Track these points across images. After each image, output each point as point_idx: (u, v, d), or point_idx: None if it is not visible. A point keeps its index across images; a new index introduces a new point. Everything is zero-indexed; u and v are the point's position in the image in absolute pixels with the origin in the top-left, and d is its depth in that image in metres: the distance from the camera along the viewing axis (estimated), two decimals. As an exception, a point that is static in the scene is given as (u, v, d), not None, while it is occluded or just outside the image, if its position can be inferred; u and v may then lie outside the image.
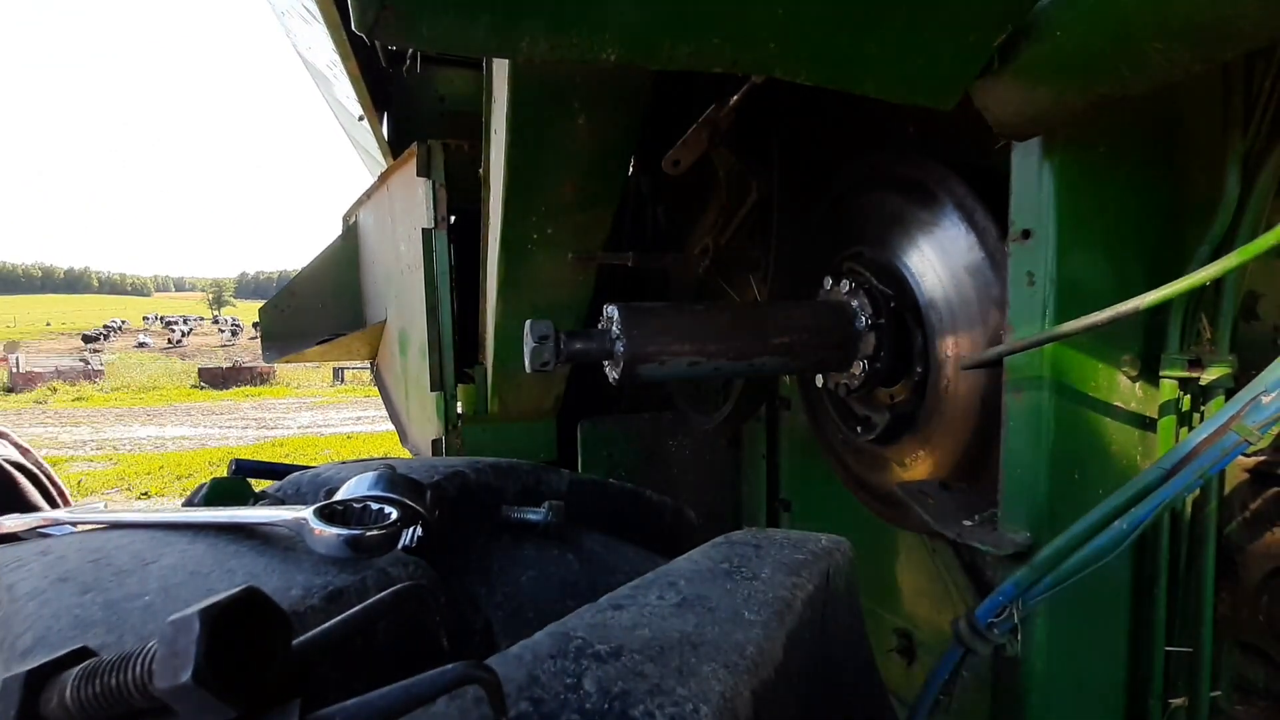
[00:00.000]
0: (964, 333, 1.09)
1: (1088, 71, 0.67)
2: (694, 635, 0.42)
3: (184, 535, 0.50)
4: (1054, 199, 0.80)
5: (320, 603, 0.41)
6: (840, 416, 1.37)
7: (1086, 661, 0.89)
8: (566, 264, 1.53)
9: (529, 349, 1.09)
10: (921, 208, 1.16)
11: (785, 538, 0.63)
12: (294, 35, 2.24)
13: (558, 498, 0.74)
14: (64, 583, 0.42)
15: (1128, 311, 0.73)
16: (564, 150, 1.30)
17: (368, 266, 2.61)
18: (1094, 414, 0.86)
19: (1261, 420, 0.70)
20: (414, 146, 1.90)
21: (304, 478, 0.65)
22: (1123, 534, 0.77)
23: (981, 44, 0.69)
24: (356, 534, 0.45)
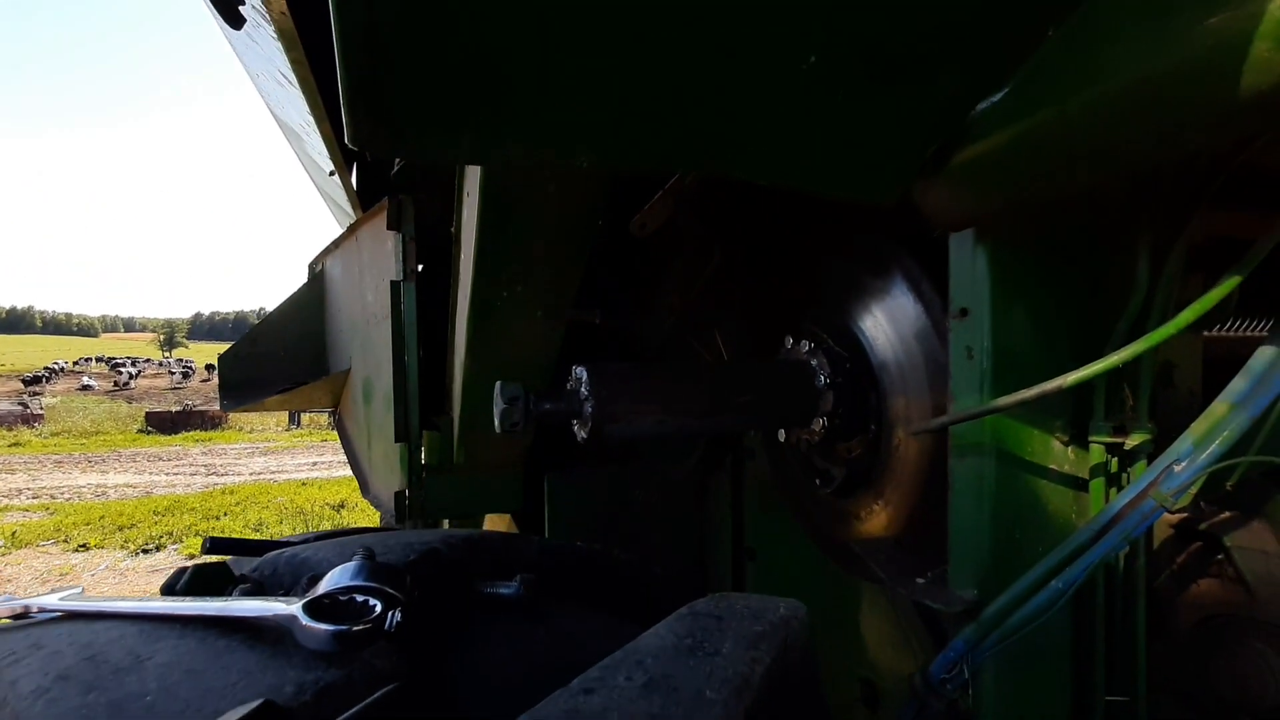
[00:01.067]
0: (914, 394, 1.15)
1: (1007, 179, 0.75)
2: (660, 718, 0.45)
3: (173, 629, 0.51)
4: (988, 281, 0.87)
5: (312, 699, 0.44)
6: (802, 470, 1.42)
7: (1033, 712, 0.93)
8: (535, 321, 1.57)
9: (499, 410, 1.12)
10: (874, 276, 1.23)
11: (746, 607, 0.66)
12: (267, 95, 2.27)
13: (528, 567, 0.76)
14: (65, 681, 0.44)
15: (1053, 389, 0.80)
16: (534, 213, 1.35)
17: (333, 315, 2.61)
18: (1031, 477, 0.92)
19: (1175, 487, 0.77)
20: (384, 200, 1.94)
21: (280, 559, 0.67)
22: (1059, 592, 0.83)
23: (916, 151, 0.76)
24: (344, 630, 0.47)
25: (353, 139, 0.57)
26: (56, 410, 23.37)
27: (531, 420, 1.13)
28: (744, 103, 0.67)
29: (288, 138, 2.62)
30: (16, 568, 7.23)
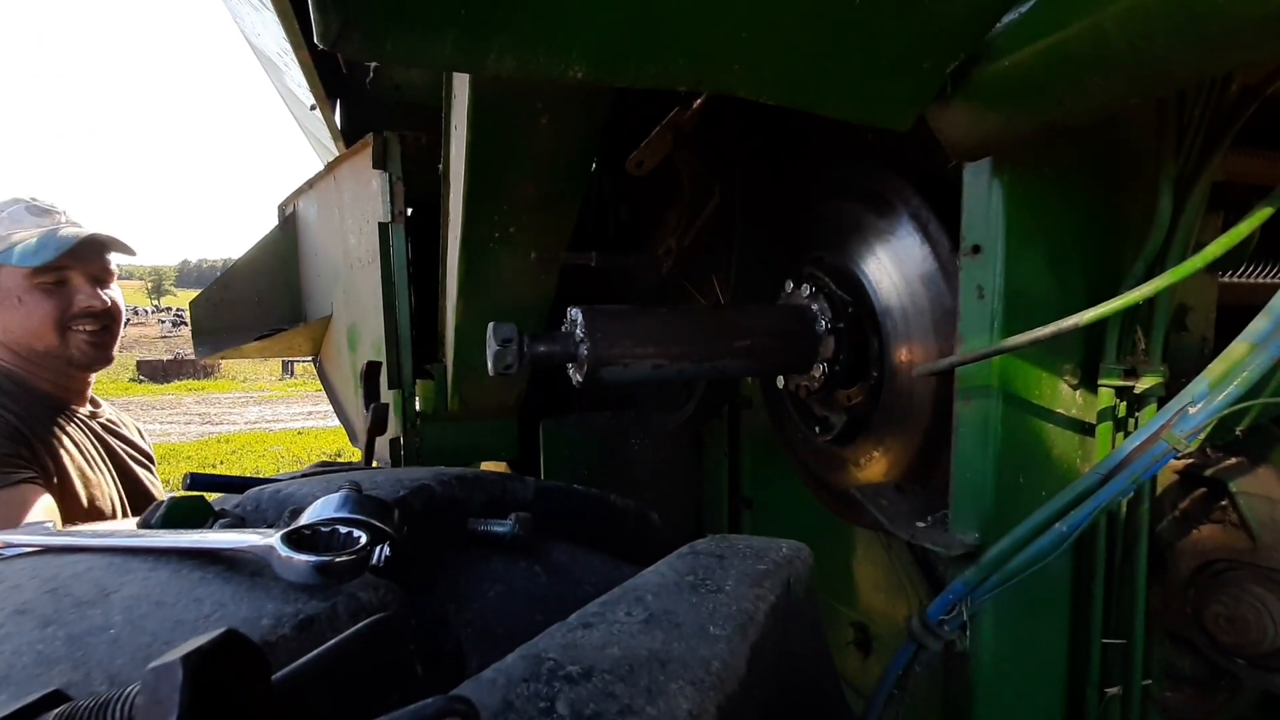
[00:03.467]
0: (917, 339, 1.12)
1: (1033, 99, 0.70)
2: (661, 653, 0.43)
3: (145, 561, 0.49)
4: (1003, 217, 0.83)
5: (292, 632, 0.41)
6: (800, 417, 1.40)
7: (1030, 654, 0.93)
8: (529, 264, 1.52)
9: (492, 352, 1.09)
10: (879, 216, 1.19)
11: (748, 546, 0.64)
12: (242, 21, 2.16)
13: (524, 507, 0.74)
14: (23, 615, 0.41)
15: (1068, 327, 0.77)
16: (526, 149, 1.29)
17: (309, 259, 2.53)
18: (1038, 421, 0.90)
19: (1188, 430, 0.74)
20: (368, 138, 1.86)
21: (264, 494, 0.64)
22: (1063, 535, 0.81)
23: (936, 70, 0.71)
24: (326, 560, 0.45)
25: (322, 38, 0.51)
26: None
27: (526, 363, 1.10)
28: (749, 10, 0.61)
29: (266, 70, 2.51)
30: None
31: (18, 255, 1.46)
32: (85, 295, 1.54)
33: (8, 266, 1.48)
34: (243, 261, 2.58)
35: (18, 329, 1.51)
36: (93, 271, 1.56)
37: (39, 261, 1.46)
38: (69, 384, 1.61)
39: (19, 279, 1.49)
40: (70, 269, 1.52)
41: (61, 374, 1.57)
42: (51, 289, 1.51)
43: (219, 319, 2.55)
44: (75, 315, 1.53)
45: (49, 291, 1.51)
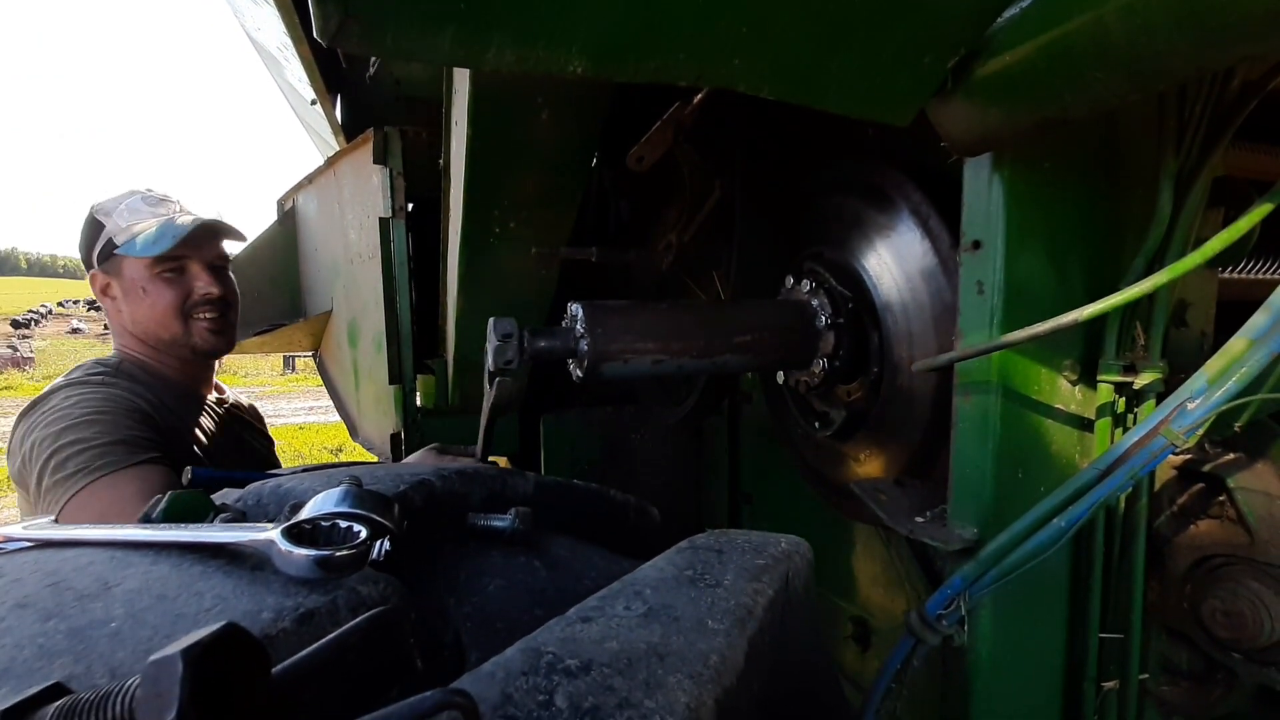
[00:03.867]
0: (918, 334, 1.12)
1: (1034, 94, 0.70)
2: (660, 646, 0.43)
3: (146, 555, 0.49)
4: (1003, 212, 0.83)
5: (292, 625, 0.42)
6: (800, 412, 1.40)
7: (1028, 649, 0.94)
8: (529, 259, 1.53)
9: (492, 347, 1.09)
10: (879, 212, 1.19)
11: (747, 541, 0.65)
12: (242, 16, 2.15)
13: (524, 502, 0.74)
14: (23, 609, 0.41)
15: (1068, 323, 0.78)
16: (527, 144, 1.29)
17: (309, 254, 2.53)
18: (1037, 416, 0.90)
19: (1187, 425, 0.75)
20: (369, 132, 1.86)
21: (264, 489, 0.64)
22: (1061, 530, 0.82)
23: (936, 65, 0.71)
24: (326, 555, 0.45)
25: (321, 33, 0.51)
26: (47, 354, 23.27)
27: (526, 358, 1.10)
28: (749, 5, 0.61)
29: (266, 64, 2.50)
30: (11, 510, 7.28)
31: (140, 245, 1.49)
32: (203, 283, 1.57)
33: (130, 257, 1.51)
34: (243, 257, 2.58)
35: (144, 319, 1.55)
36: (208, 259, 1.59)
37: (158, 250, 1.49)
38: (195, 371, 1.66)
39: (142, 269, 1.52)
40: (188, 257, 1.55)
41: (186, 361, 1.62)
42: (172, 278, 1.54)
43: (219, 314, 2.54)
44: (196, 303, 1.56)
45: (170, 281, 1.54)
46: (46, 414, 1.38)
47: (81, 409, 1.37)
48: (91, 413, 1.36)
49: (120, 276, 1.55)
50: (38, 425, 1.37)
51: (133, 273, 1.53)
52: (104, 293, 1.59)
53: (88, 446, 1.30)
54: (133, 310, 1.55)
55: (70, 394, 1.41)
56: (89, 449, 1.30)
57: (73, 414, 1.36)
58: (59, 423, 1.34)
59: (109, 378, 1.49)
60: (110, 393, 1.43)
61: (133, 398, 1.45)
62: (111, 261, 1.54)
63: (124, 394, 1.45)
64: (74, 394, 1.41)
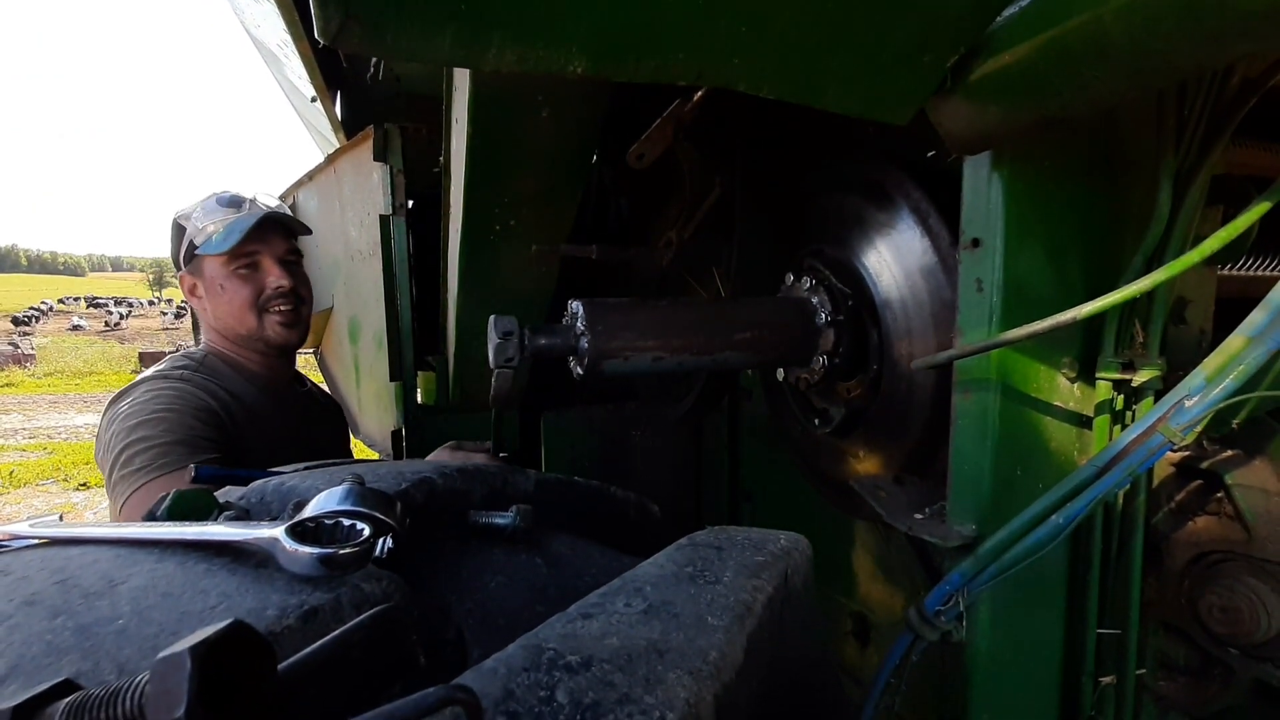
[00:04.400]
0: (917, 332, 1.13)
1: (1033, 93, 0.70)
2: (660, 643, 0.44)
3: (151, 553, 0.49)
4: (1002, 210, 0.83)
5: (296, 622, 0.42)
6: (800, 409, 1.41)
7: (1026, 645, 0.94)
8: (529, 256, 1.53)
9: (493, 345, 1.09)
10: (879, 210, 1.19)
11: (746, 538, 0.65)
12: (242, 13, 2.15)
13: (525, 500, 0.75)
14: (31, 606, 0.42)
15: (1066, 321, 0.78)
16: (527, 142, 1.29)
17: (309, 251, 2.54)
18: (1035, 414, 0.91)
19: (1185, 422, 0.75)
20: (369, 130, 1.86)
21: (268, 486, 0.65)
22: (1059, 527, 0.82)
23: (936, 64, 0.71)
24: (329, 553, 0.45)
25: (322, 33, 0.52)
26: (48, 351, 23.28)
27: (526, 355, 1.10)
28: (748, 4, 0.61)
29: (266, 61, 2.50)
30: (17, 506, 7.30)
31: (214, 243, 1.55)
32: (274, 276, 1.61)
33: (208, 256, 1.57)
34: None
35: (224, 314, 1.61)
36: (279, 253, 1.64)
37: (227, 247, 1.54)
38: (272, 363, 1.70)
39: (219, 267, 1.58)
40: (260, 252, 1.60)
41: (263, 354, 1.67)
42: (246, 274, 1.59)
43: (220, 311, 2.54)
44: (269, 297, 1.61)
45: (244, 277, 1.59)
46: (126, 407, 1.44)
47: (154, 405, 1.43)
48: (162, 409, 1.43)
49: (203, 276, 1.61)
50: (118, 417, 1.43)
51: (212, 271, 1.59)
52: (191, 293, 1.65)
53: (152, 444, 1.36)
54: (214, 307, 1.61)
55: (151, 387, 1.48)
56: (153, 447, 1.36)
57: (146, 409, 1.42)
58: (133, 417, 1.41)
59: (190, 371, 1.56)
60: (184, 389, 1.49)
61: (205, 395, 1.51)
62: (195, 262, 1.60)
63: (198, 390, 1.51)
64: (154, 388, 1.48)
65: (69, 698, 0.30)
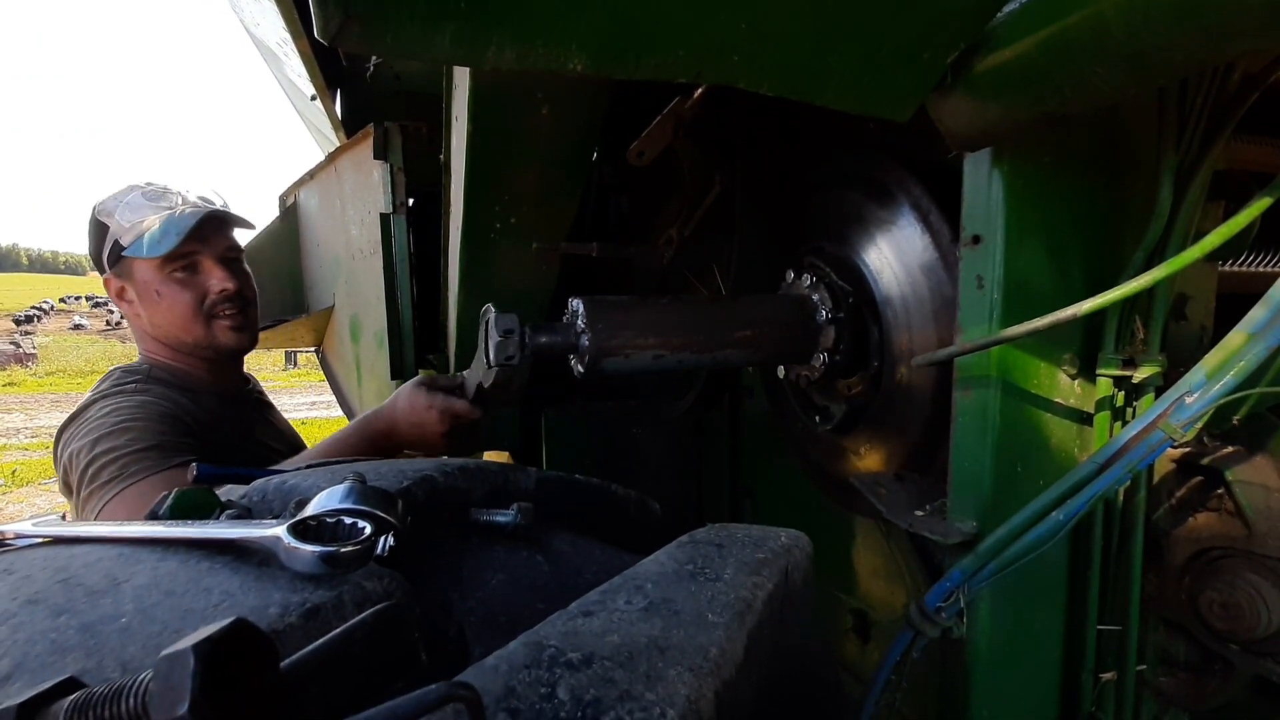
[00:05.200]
0: (918, 329, 1.13)
1: (1034, 89, 0.70)
2: (660, 639, 0.44)
3: (153, 551, 0.50)
4: (1003, 207, 0.83)
5: (298, 620, 0.42)
6: (800, 407, 1.41)
7: (1026, 641, 0.94)
8: (530, 254, 1.53)
9: (494, 343, 1.10)
10: (880, 206, 1.19)
11: (747, 535, 0.65)
12: (241, 11, 2.15)
13: (526, 497, 0.75)
14: (35, 605, 0.42)
15: (1067, 317, 0.78)
16: (527, 139, 1.29)
17: (311, 250, 2.54)
18: (1036, 410, 0.91)
19: (1185, 419, 0.75)
20: (369, 128, 1.86)
21: (269, 485, 0.65)
22: (1060, 524, 0.82)
23: (936, 60, 0.71)
24: (331, 551, 0.45)
25: (322, 32, 0.52)
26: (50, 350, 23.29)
27: (527, 353, 1.10)
28: (748, 1, 0.61)
29: (266, 60, 2.50)
30: (20, 505, 7.32)
31: (146, 245, 1.41)
32: (217, 279, 1.49)
33: (139, 259, 1.43)
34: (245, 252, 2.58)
35: (164, 322, 1.49)
36: (219, 252, 1.51)
37: (165, 249, 1.40)
38: (223, 369, 1.60)
39: (153, 271, 1.45)
40: (198, 253, 1.47)
41: (212, 361, 1.56)
42: (185, 277, 1.46)
43: (222, 310, 2.54)
44: (214, 301, 1.49)
45: (183, 281, 1.46)
46: (83, 425, 1.36)
47: (115, 417, 1.35)
48: (125, 420, 1.35)
49: (133, 279, 1.48)
50: (75, 437, 1.35)
51: (144, 275, 1.46)
52: (119, 296, 1.53)
53: (121, 454, 1.29)
54: (151, 314, 1.49)
55: (105, 405, 1.40)
56: (122, 456, 1.29)
57: (107, 423, 1.34)
58: (94, 432, 1.33)
59: (141, 384, 1.46)
60: (143, 400, 1.41)
61: (166, 403, 1.43)
62: (122, 264, 1.47)
63: (156, 400, 1.42)
64: (108, 404, 1.40)
65: (73, 695, 0.30)
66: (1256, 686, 0.94)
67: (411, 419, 1.39)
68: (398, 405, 1.42)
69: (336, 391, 2.74)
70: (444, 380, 1.44)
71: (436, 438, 1.39)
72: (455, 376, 1.44)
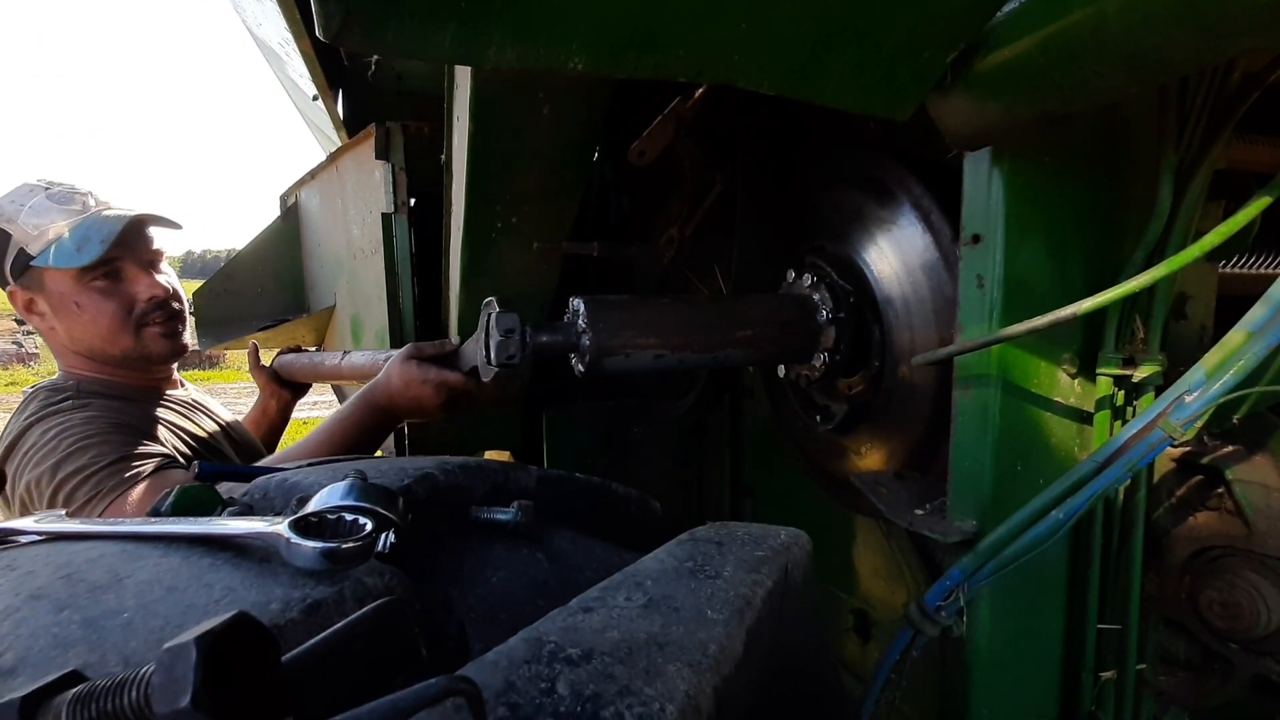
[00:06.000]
0: (919, 328, 1.13)
1: (1033, 88, 0.70)
2: (660, 636, 0.44)
3: (156, 548, 0.50)
4: (1003, 206, 0.84)
5: (300, 615, 0.42)
6: (801, 406, 1.41)
7: (1026, 640, 0.95)
8: (531, 253, 1.53)
9: (495, 343, 1.10)
10: (881, 205, 1.19)
11: (747, 533, 0.65)
12: (243, 11, 2.16)
13: (526, 495, 0.75)
14: (38, 600, 0.42)
15: (1067, 316, 0.78)
16: (528, 139, 1.30)
17: (312, 249, 2.54)
18: (1036, 409, 0.91)
19: (1185, 418, 0.75)
20: (370, 128, 1.86)
21: (271, 482, 0.65)
22: (1059, 522, 0.82)
23: (935, 60, 0.71)
24: (332, 547, 0.46)
25: (323, 31, 0.52)
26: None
27: (528, 353, 1.11)
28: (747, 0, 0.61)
29: (268, 60, 2.50)
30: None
31: (56, 255, 1.28)
32: (144, 286, 1.38)
33: (50, 269, 1.30)
34: (246, 252, 2.59)
35: (86, 335, 1.37)
36: (142, 257, 1.40)
37: (87, 259, 1.28)
38: (155, 377, 1.51)
39: (69, 282, 1.33)
40: (120, 259, 1.35)
41: (144, 371, 1.46)
42: (106, 285, 1.35)
43: (222, 310, 2.55)
44: (144, 310, 1.39)
45: (105, 290, 1.35)
46: (30, 454, 1.25)
47: (68, 439, 1.25)
48: (79, 440, 1.24)
49: (44, 291, 1.35)
50: (25, 467, 1.24)
51: (58, 286, 1.33)
52: (28, 309, 1.38)
53: (91, 472, 1.21)
54: (69, 328, 1.36)
55: (46, 427, 1.28)
56: (93, 474, 1.20)
57: (61, 445, 1.23)
58: (49, 457, 1.22)
59: (75, 400, 1.34)
60: (87, 415, 1.30)
61: (110, 415, 1.33)
62: (30, 275, 1.33)
63: (100, 413, 1.32)
64: (49, 426, 1.28)
65: (75, 688, 0.31)
66: (1257, 686, 0.94)
67: (407, 394, 1.36)
68: (391, 382, 1.37)
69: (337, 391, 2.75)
70: (430, 349, 1.38)
71: (434, 409, 1.37)
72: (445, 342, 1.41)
